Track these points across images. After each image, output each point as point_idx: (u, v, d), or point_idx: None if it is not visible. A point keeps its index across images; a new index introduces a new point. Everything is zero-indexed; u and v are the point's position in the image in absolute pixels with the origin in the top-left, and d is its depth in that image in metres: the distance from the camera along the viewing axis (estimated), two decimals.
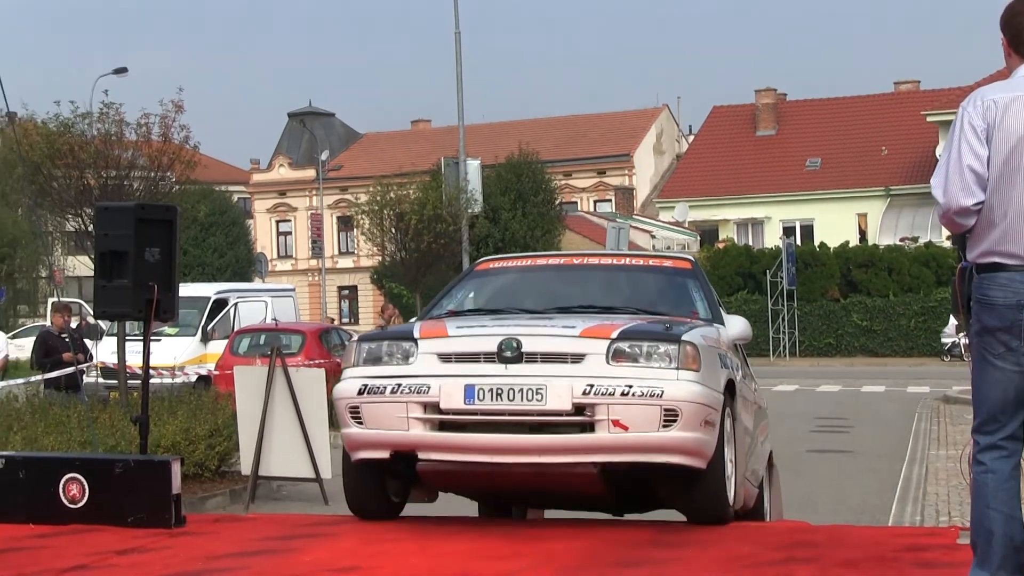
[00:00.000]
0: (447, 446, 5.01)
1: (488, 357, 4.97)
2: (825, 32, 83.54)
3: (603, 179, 50.50)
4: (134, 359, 10.33)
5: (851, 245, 37.04)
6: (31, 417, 9.59)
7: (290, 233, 55.88)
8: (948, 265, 32.69)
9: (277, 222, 56.43)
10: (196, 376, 17.52)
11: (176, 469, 5.70)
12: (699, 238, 41.95)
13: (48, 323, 17.26)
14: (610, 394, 4.83)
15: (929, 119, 39.39)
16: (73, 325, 14.27)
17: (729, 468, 5.38)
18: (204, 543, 5.31)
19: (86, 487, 5.64)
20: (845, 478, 12.13)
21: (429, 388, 4.95)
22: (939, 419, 17.26)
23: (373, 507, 5.47)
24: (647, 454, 4.93)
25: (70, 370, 12.29)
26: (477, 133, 40.49)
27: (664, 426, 4.84)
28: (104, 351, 16.22)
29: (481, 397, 4.89)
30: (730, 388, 5.45)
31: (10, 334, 21.69)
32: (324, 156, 48.06)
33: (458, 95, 25.60)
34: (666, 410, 4.83)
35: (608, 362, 4.94)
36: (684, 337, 5.02)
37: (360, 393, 5.09)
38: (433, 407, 4.95)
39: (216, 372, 16.89)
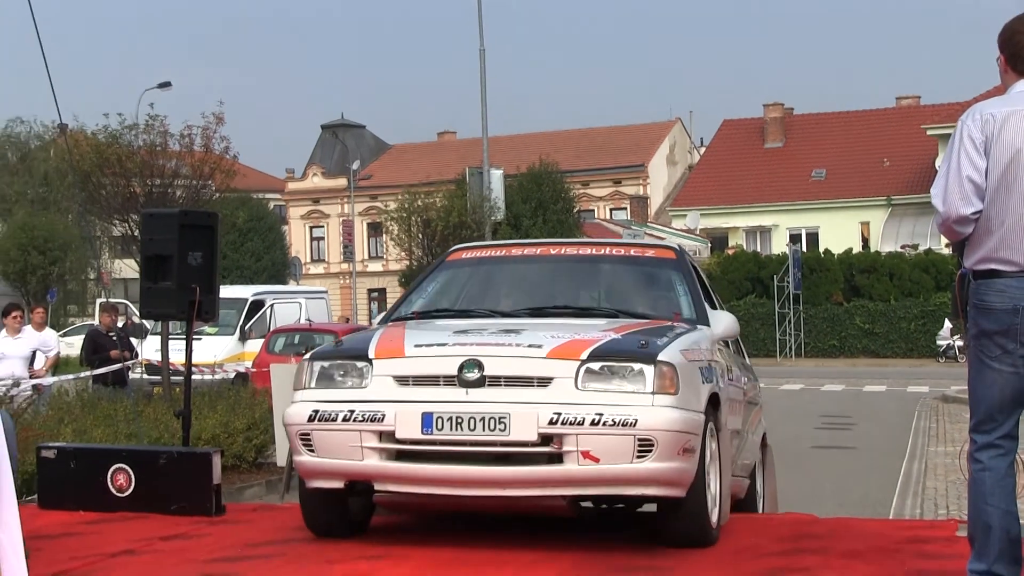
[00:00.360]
0: (404, 477, 4.50)
1: (448, 380, 4.44)
2: (831, 49, 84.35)
3: (619, 188, 50.43)
4: (177, 356, 10.47)
5: (854, 252, 37.30)
6: (80, 411, 9.70)
7: (323, 238, 56.30)
8: (947, 271, 32.71)
9: (311, 228, 56.93)
10: (234, 373, 17.73)
11: (216, 461, 5.74)
12: (710, 244, 42.03)
13: (96, 322, 17.48)
14: (579, 423, 4.30)
15: (929, 132, 39.58)
16: (120, 324, 14.42)
17: (713, 489, 4.84)
18: (243, 531, 5.33)
19: (132, 477, 5.72)
20: (848, 473, 12.09)
21: (384, 416, 4.42)
22: (938, 417, 17.29)
23: (334, 529, 4.90)
24: (620, 487, 4.46)
25: (117, 367, 12.44)
26: (500, 144, 40.75)
27: (638, 457, 4.32)
28: (148, 349, 16.50)
29: (440, 426, 4.37)
30: (714, 401, 4.89)
31: (61, 332, 21.93)
32: (355, 166, 48.24)
33: (482, 108, 25.63)
34: (640, 440, 4.30)
35: (577, 387, 4.40)
36: (660, 357, 4.43)
37: (311, 420, 4.53)
38: (389, 436, 4.42)
39: (253, 370, 17.07)
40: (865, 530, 5.84)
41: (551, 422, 4.29)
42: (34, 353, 10.73)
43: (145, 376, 15.94)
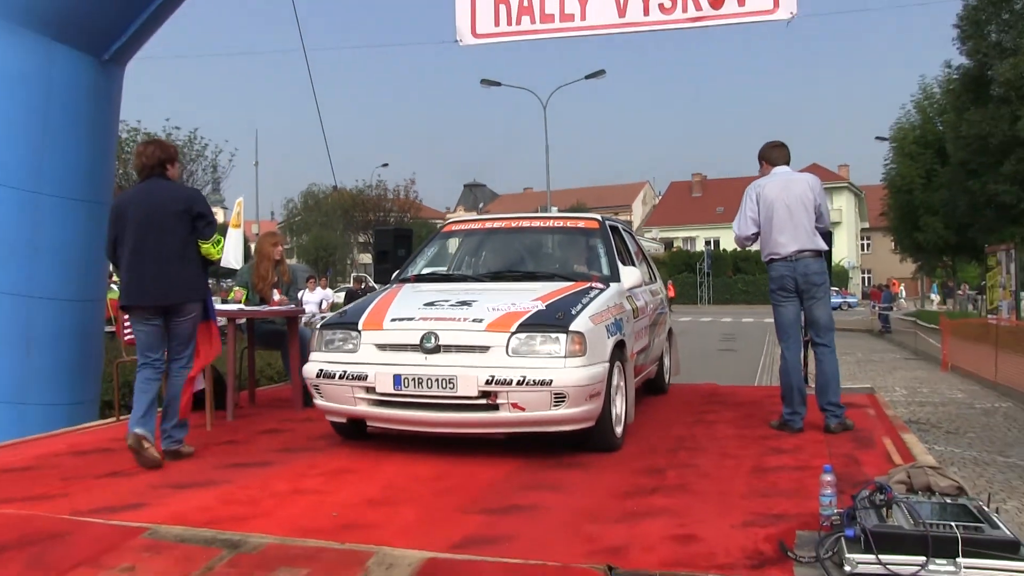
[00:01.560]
0: (385, 418, 5.16)
1: (414, 347, 5.00)
2: (732, 137, 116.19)
3: (617, 215, 62.65)
4: None
5: (738, 250, 51.26)
6: None
7: None
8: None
9: None
10: None
11: None
12: (663, 246, 65.04)
13: (351, 285, 22.48)
14: (508, 383, 4.79)
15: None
16: (362, 286, 19.44)
17: (619, 407, 5.43)
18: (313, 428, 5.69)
19: None
20: (733, 363, 18.41)
21: (367, 376, 5.05)
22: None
23: (350, 434, 5.63)
24: (543, 426, 4.97)
25: None
26: (555, 195, 52.14)
27: (554, 406, 4.82)
28: None
29: (406, 385, 4.95)
30: (620, 345, 5.45)
31: (335, 290, 27.54)
32: (480, 206, 74.84)
33: (547, 176, 36.69)
34: (555, 394, 4.80)
35: (508, 353, 4.88)
36: (572, 327, 4.94)
37: (318, 376, 5.24)
38: (372, 390, 5.06)
39: None
40: (744, 393, 8.20)
41: (487, 382, 4.81)
42: (321, 301, 14.89)
43: None
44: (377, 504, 4.19)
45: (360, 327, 5.24)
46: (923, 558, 3.11)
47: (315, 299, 14.47)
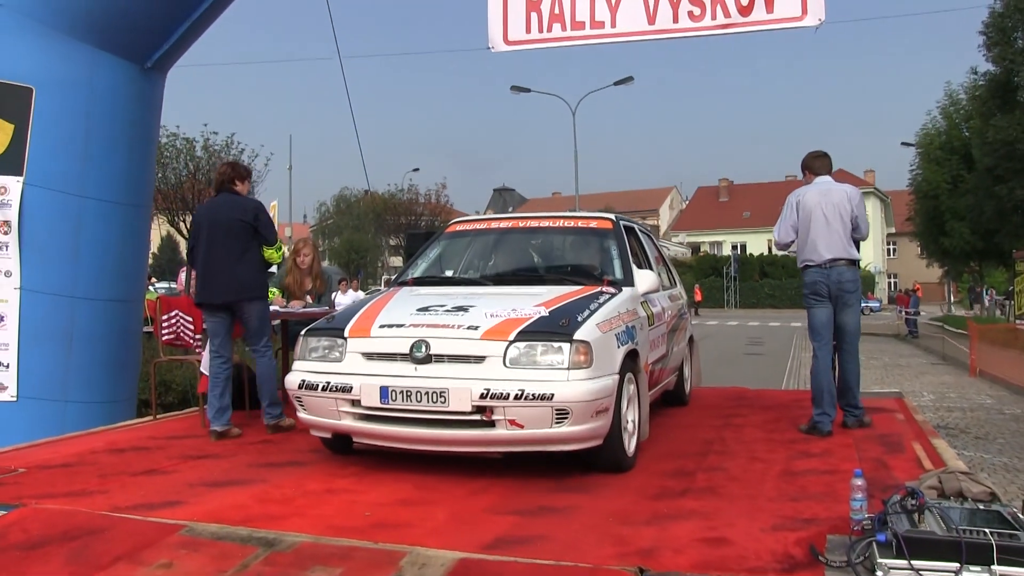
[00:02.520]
0: (371, 434, 4.71)
1: (403, 357, 4.54)
2: (759, 141, 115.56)
3: (645, 220, 64.48)
4: None
5: (764, 255, 57.01)
6: None
7: None
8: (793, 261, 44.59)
9: None
10: None
11: None
12: (691, 250, 65.99)
13: (382, 287, 22.76)
14: (505, 397, 4.30)
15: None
16: None
17: (631, 423, 4.94)
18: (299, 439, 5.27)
19: None
20: (760, 367, 18.21)
21: (352, 388, 4.59)
22: (804, 339, 23.15)
23: (338, 448, 5.20)
24: (543, 445, 4.50)
25: None
26: (583, 199, 55.27)
27: (556, 423, 4.34)
28: None
29: (394, 398, 4.48)
30: (632, 355, 4.96)
31: (366, 292, 28.09)
32: (510, 210, 68.40)
33: (575, 183, 35.72)
34: (557, 410, 4.32)
35: (505, 364, 4.39)
36: (576, 335, 4.44)
37: (300, 387, 4.77)
38: (357, 403, 4.61)
39: None
40: (773, 396, 8.17)
41: (482, 396, 4.34)
42: (353, 302, 15.11)
43: None
44: (409, 504, 4.18)
45: (346, 334, 4.76)
46: (957, 564, 3.04)
47: (347, 301, 14.48)
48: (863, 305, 49.46)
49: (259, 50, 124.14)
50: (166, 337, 6.87)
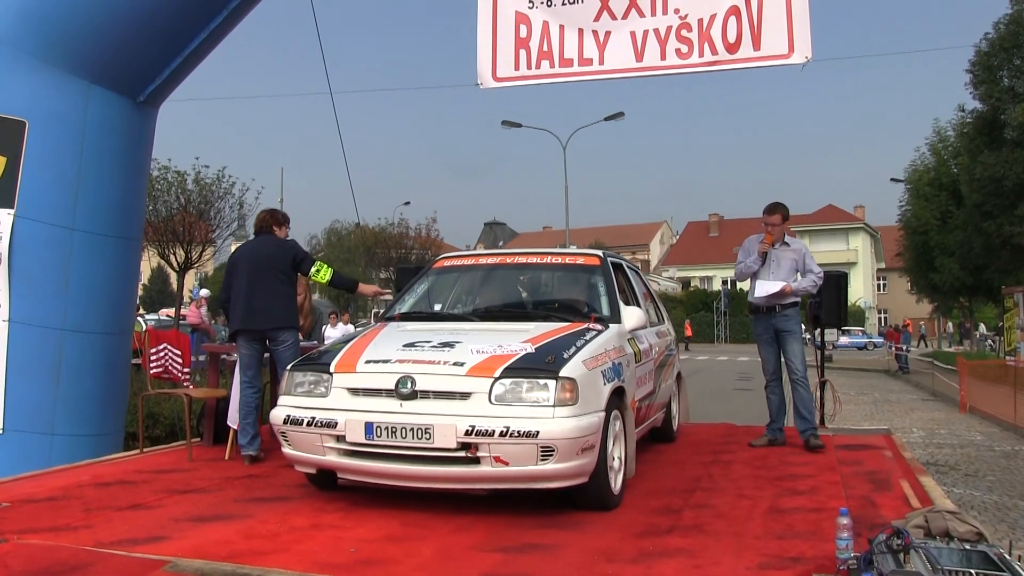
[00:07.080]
0: (355, 471, 4.71)
1: (388, 393, 4.54)
2: (749, 177, 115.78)
3: (635, 255, 66.37)
4: None
5: None
6: None
7: None
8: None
9: None
10: None
11: None
12: (681, 285, 66.94)
13: (372, 321, 22.81)
14: (490, 433, 4.31)
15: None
16: None
17: (616, 460, 4.93)
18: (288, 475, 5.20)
19: None
20: (750, 401, 17.38)
21: (337, 423, 4.59)
22: None
23: (324, 484, 5.21)
24: (529, 482, 4.49)
25: None
26: (573, 233, 54.12)
27: (542, 460, 4.33)
28: None
29: (379, 434, 4.48)
30: (619, 392, 4.98)
31: (356, 325, 27.99)
32: (500, 244, 72.79)
33: (566, 217, 37.22)
34: (542, 447, 4.31)
35: (491, 401, 4.40)
36: (562, 372, 4.45)
37: (285, 422, 4.78)
38: (341, 439, 4.61)
39: None
40: (759, 432, 7.74)
41: (467, 432, 4.35)
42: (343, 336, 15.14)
43: None
44: (395, 540, 4.17)
45: (332, 369, 4.77)
46: None
47: (336, 334, 14.50)
48: (867, 340, 50.59)
49: (251, 84, 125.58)
50: (154, 370, 6.86)
